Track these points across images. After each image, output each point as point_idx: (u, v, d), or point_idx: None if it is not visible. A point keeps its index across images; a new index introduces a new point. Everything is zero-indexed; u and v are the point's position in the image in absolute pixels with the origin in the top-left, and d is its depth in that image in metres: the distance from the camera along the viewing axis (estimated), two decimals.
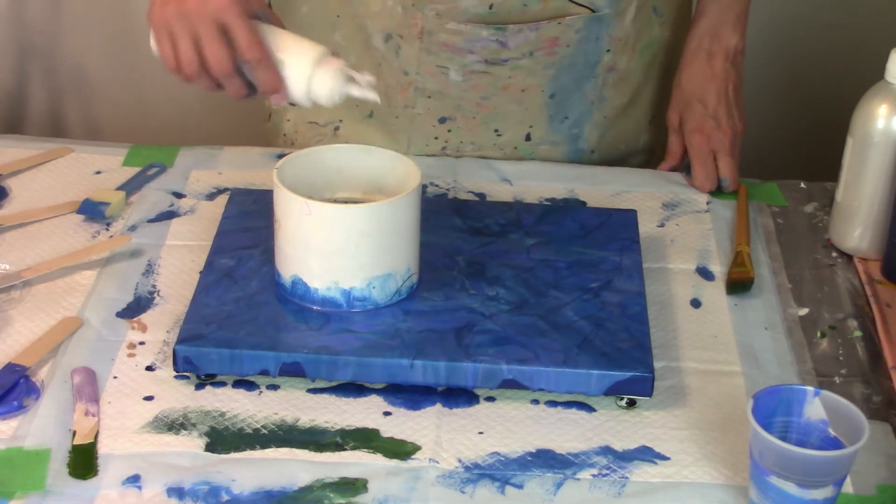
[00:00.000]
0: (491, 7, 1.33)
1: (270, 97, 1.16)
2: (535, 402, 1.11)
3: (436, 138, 1.43)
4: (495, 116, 1.41)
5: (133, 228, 1.31)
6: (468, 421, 1.09)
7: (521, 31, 1.35)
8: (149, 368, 1.13)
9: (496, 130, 1.43)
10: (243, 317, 1.13)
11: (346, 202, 1.19)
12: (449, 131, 1.42)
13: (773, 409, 0.99)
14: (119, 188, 1.36)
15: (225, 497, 1.00)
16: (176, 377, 1.12)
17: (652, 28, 1.45)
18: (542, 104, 1.41)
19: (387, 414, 1.09)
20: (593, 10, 1.35)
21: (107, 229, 1.31)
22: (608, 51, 1.39)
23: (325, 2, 1.42)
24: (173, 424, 1.07)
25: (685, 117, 1.42)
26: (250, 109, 2.20)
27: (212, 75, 1.14)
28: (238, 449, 1.05)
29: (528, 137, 1.43)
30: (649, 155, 1.51)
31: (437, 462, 1.04)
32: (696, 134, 1.41)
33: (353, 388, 1.11)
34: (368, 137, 1.44)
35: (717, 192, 1.41)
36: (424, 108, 1.41)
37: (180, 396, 1.10)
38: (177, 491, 1.01)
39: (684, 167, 1.44)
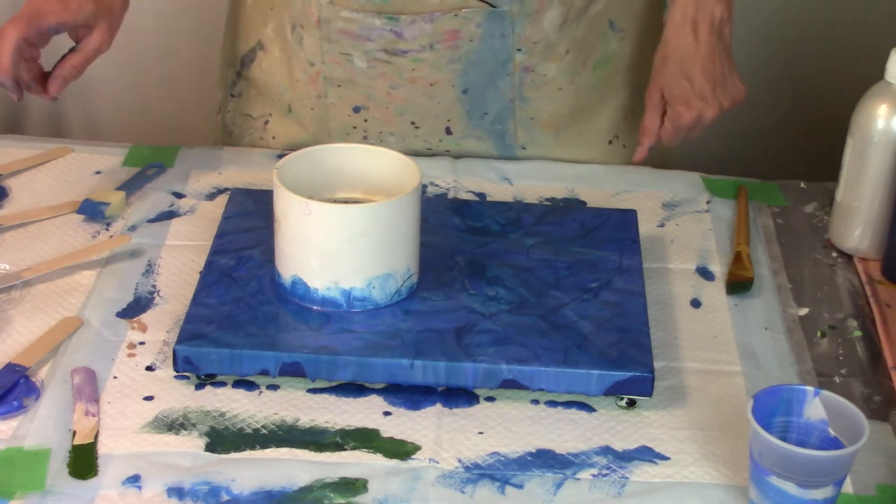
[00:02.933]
0: None
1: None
2: (535, 402, 1.11)
3: (354, 128, 1.43)
4: (408, 108, 1.41)
5: (133, 228, 1.31)
6: (468, 421, 1.09)
7: (416, 23, 1.33)
8: (149, 368, 1.13)
9: (413, 123, 1.42)
10: (243, 317, 1.13)
11: (346, 202, 1.19)
12: (366, 121, 1.42)
13: (773, 409, 0.99)
14: (119, 188, 1.36)
15: (225, 497, 1.00)
16: (176, 377, 1.12)
17: (607, 43, 1.43)
18: (456, 99, 1.40)
19: (387, 414, 1.09)
20: (493, 6, 1.34)
21: (107, 229, 1.31)
22: (519, 50, 1.37)
23: None
24: (173, 424, 1.07)
25: (671, 93, 1.35)
26: None
27: None
28: (238, 449, 1.05)
29: (448, 131, 1.43)
30: None
31: (437, 462, 1.04)
32: (682, 108, 1.34)
33: (353, 388, 1.11)
34: (292, 130, 1.46)
35: (715, 191, 1.41)
36: (337, 97, 1.41)
37: (180, 396, 1.10)
38: (177, 491, 1.01)
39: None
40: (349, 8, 1.34)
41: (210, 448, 1.05)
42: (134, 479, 1.01)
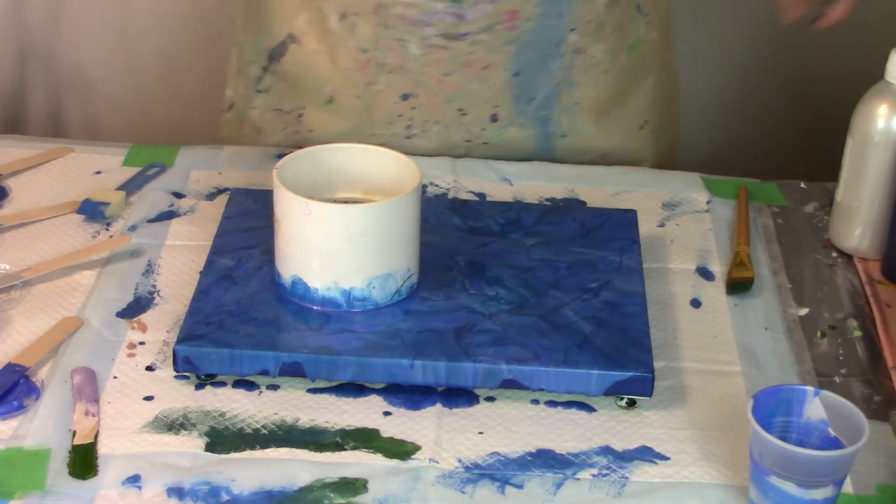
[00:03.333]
0: None
1: None
2: (535, 402, 1.11)
3: (399, 116, 1.43)
4: (458, 95, 1.41)
5: (133, 228, 1.31)
6: (468, 421, 1.09)
7: (478, 4, 1.34)
8: (149, 368, 1.13)
9: (460, 110, 1.42)
10: (243, 317, 1.13)
11: (346, 202, 1.19)
12: (413, 109, 1.42)
13: (773, 409, 0.99)
14: (119, 188, 1.36)
15: (225, 497, 1.00)
16: (176, 377, 1.12)
17: (637, 27, 1.45)
18: (506, 82, 1.40)
19: (387, 414, 1.09)
20: None
21: (107, 229, 1.31)
22: (572, 30, 1.38)
23: None
24: (173, 424, 1.07)
25: None
26: None
27: None
28: (238, 449, 1.05)
29: (494, 118, 1.43)
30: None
31: (437, 462, 1.04)
32: None
33: (353, 388, 1.11)
34: (331, 121, 1.45)
35: (715, 191, 1.41)
36: (386, 84, 1.41)
37: (180, 396, 1.10)
38: (177, 491, 1.01)
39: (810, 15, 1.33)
40: None
41: (210, 448, 1.05)
42: (134, 479, 1.01)
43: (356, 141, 1.33)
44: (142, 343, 1.16)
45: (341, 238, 1.11)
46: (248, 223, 1.25)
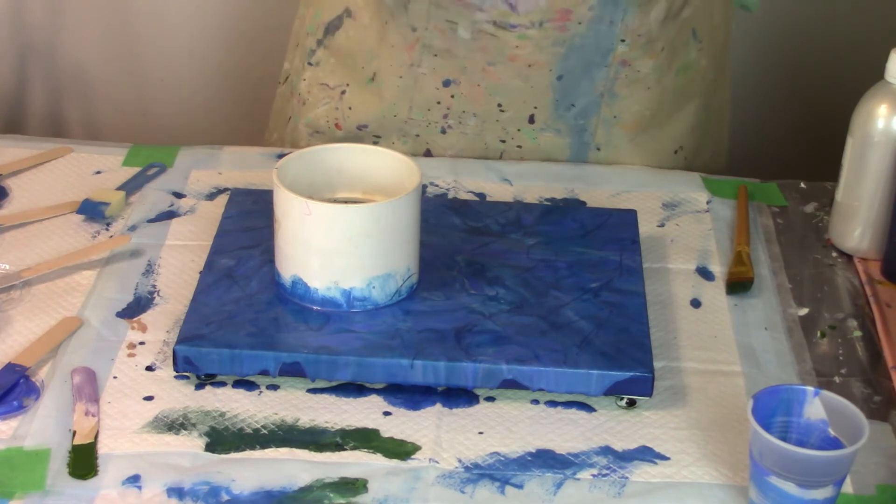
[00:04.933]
0: None
1: None
2: (535, 402, 1.11)
3: (438, 103, 1.43)
4: (500, 88, 1.41)
5: (133, 228, 1.31)
6: (468, 421, 1.09)
7: None
8: (149, 368, 1.13)
9: (499, 105, 1.42)
10: (243, 317, 1.13)
11: (346, 202, 1.19)
12: (452, 97, 1.42)
13: (773, 409, 0.99)
14: (119, 188, 1.36)
15: (225, 497, 1.00)
16: (176, 377, 1.12)
17: (689, 51, 1.44)
18: (549, 85, 1.40)
19: (387, 414, 1.09)
20: None
21: (107, 229, 1.31)
22: (623, 40, 1.38)
23: None
24: (173, 424, 1.07)
25: None
26: (251, 109, 2.20)
27: None
28: (238, 449, 1.05)
29: (531, 120, 1.43)
30: None
31: (437, 462, 1.04)
32: None
33: (353, 388, 1.11)
34: (370, 101, 1.45)
35: (715, 191, 1.41)
36: (430, 68, 1.41)
37: (180, 396, 1.10)
38: (177, 491, 1.01)
39: None
40: None
41: (210, 448, 1.05)
42: (134, 479, 1.01)
43: (393, 125, 1.32)
44: (142, 343, 1.16)
45: (341, 238, 1.11)
46: (248, 223, 1.25)
